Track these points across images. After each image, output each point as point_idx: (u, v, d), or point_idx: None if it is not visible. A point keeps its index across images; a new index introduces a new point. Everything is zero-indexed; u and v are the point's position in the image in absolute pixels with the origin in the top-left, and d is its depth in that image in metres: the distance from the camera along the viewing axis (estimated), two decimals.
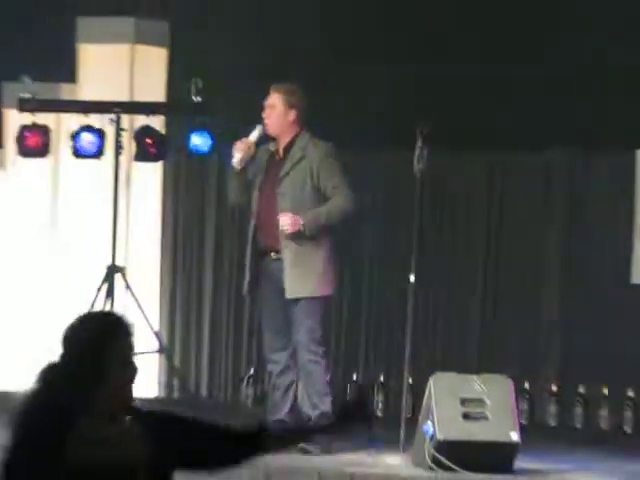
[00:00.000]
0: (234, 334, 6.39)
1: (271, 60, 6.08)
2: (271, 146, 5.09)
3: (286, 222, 4.86)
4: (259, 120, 4.97)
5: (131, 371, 2.37)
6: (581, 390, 5.75)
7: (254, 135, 4.99)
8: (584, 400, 5.72)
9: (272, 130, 5.00)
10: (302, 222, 4.87)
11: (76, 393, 2.38)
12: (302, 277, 5.01)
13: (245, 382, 6.25)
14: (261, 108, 5.01)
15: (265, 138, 5.06)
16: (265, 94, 5.05)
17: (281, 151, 5.08)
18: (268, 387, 5.59)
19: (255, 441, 2.44)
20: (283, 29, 6.10)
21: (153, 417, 2.51)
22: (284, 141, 5.08)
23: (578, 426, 5.78)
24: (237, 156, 4.92)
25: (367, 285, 6.09)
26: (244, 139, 4.97)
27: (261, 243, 5.09)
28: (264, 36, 6.15)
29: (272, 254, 5.01)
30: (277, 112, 5.00)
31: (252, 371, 6.20)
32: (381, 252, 6.04)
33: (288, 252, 4.93)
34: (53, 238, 6.22)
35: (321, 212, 5.01)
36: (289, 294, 4.93)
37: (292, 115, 5.00)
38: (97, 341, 2.36)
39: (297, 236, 4.92)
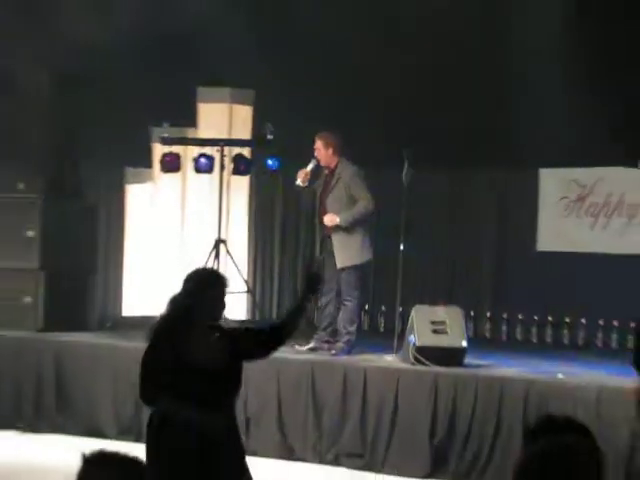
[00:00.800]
0: (293, 281, 8.98)
1: (317, 112, 7.95)
2: (325, 170, 7.06)
3: (327, 220, 6.89)
4: (312, 155, 7.00)
5: (222, 305, 3.76)
6: (504, 316, 8.16)
7: (310, 166, 6.99)
8: (507, 322, 8.14)
9: (321, 162, 6.98)
10: (338, 220, 6.83)
11: (186, 312, 3.63)
12: (344, 252, 6.96)
13: None
14: (312, 148, 7.02)
15: (318, 166, 7.02)
16: (313, 135, 7.04)
17: (329, 174, 7.05)
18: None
19: (280, 331, 3.85)
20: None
21: (234, 332, 3.86)
22: (329, 168, 7.02)
23: (504, 338, 8.17)
24: (299, 180, 6.97)
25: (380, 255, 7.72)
26: (303, 169, 6.99)
27: (323, 231, 7.11)
28: (311, 99, 7.95)
29: (328, 238, 7.05)
30: (321, 152, 6.95)
31: None
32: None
33: (335, 237, 6.94)
34: (182, 223, 8.38)
35: (352, 212, 6.88)
36: (338, 264, 6.89)
37: (330, 151, 6.94)
38: (204, 283, 3.73)
39: (337, 228, 6.88)
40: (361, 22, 7.89)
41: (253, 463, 4.05)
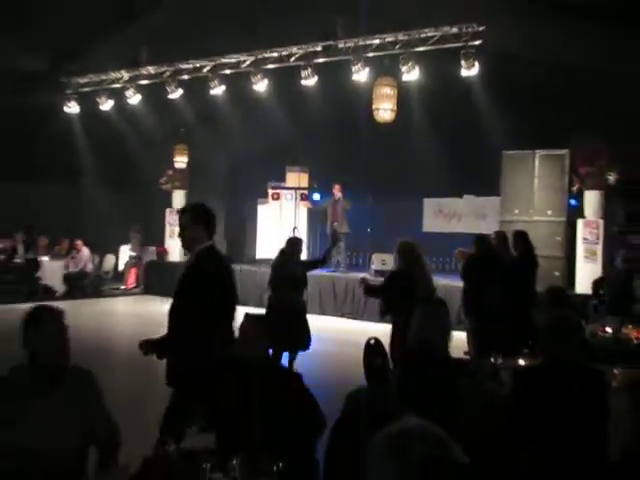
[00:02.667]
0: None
1: (338, 161, 17.46)
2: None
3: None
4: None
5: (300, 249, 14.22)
6: None
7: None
8: None
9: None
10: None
11: (293, 250, 9.25)
12: (343, 227, 16.21)
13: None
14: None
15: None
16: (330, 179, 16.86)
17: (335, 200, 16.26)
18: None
19: (322, 261, 9.75)
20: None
21: (306, 262, 11.14)
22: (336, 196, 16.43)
23: None
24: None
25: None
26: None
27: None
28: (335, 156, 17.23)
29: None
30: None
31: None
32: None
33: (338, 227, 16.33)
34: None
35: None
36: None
37: (336, 190, 16.35)
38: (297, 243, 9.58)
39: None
40: None
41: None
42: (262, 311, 7.33)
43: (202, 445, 3.15)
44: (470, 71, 12.33)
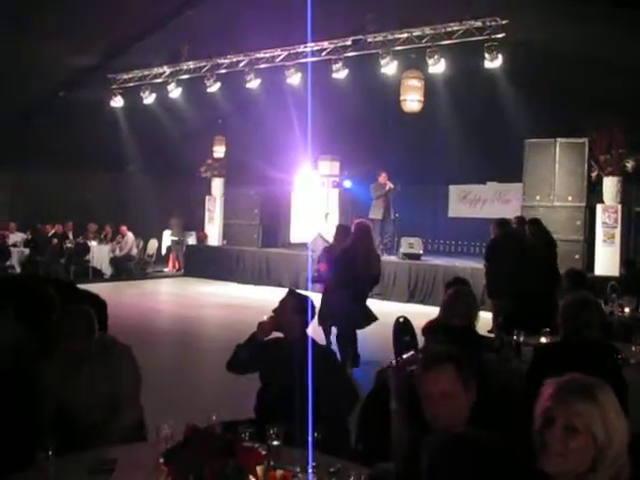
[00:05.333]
0: None
1: (370, 152, 17.45)
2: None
3: None
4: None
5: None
6: None
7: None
8: None
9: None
10: None
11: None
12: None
13: None
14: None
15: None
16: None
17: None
18: None
19: None
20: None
21: None
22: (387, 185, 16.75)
23: None
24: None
25: None
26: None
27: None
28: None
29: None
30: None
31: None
32: None
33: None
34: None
35: None
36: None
37: (383, 178, 16.56)
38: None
39: None
40: None
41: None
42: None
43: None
44: (493, 63, 12.18)
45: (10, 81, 14.32)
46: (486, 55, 12.10)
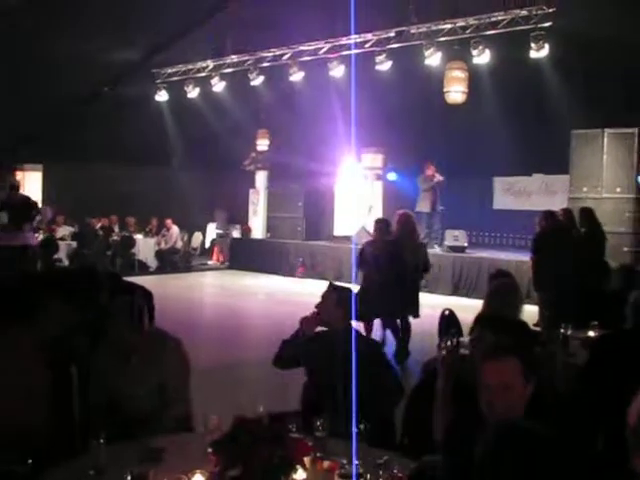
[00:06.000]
0: None
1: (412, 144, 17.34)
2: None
3: None
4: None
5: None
6: None
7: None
8: None
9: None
10: None
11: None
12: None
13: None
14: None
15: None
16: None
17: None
18: None
19: None
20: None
21: None
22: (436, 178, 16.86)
23: None
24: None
25: None
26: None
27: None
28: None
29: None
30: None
31: None
32: None
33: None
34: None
35: None
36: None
37: (432, 170, 16.70)
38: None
39: None
40: None
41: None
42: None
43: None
44: (540, 53, 12.01)
45: (58, 76, 14.54)
46: (532, 45, 11.94)
